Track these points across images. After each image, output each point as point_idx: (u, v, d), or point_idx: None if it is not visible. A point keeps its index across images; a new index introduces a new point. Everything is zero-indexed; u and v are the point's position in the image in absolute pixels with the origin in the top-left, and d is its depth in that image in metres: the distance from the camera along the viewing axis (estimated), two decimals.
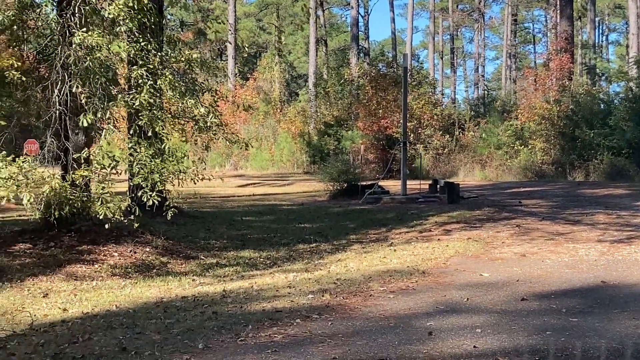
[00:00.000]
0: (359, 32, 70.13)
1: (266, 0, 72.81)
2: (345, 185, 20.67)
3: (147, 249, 10.59)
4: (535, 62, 76.04)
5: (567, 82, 32.18)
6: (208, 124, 10.31)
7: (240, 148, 11.18)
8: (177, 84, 10.49)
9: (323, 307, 6.86)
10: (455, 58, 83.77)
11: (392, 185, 23.00)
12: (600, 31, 79.15)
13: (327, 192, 20.85)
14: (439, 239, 12.01)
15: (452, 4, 69.36)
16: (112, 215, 9.11)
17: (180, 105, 10.02)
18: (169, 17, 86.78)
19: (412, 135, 32.38)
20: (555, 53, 32.48)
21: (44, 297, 8.18)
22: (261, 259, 11.05)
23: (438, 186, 20.34)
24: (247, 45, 67.01)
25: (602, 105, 30.55)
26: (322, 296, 7.36)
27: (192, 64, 10.31)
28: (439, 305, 6.95)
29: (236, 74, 62.61)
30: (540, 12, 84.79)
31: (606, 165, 27.68)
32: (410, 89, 33.39)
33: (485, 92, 56.08)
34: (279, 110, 47.75)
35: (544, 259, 9.70)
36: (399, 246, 11.46)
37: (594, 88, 32.53)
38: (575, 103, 30.99)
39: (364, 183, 20.82)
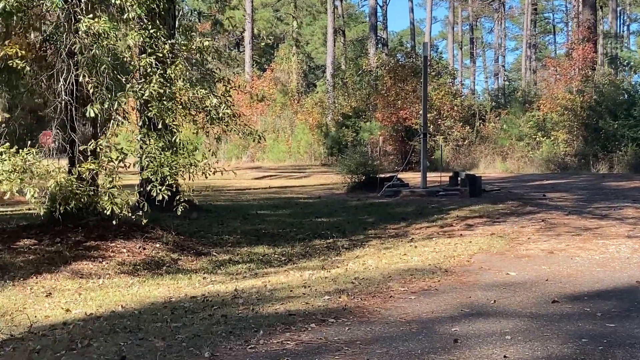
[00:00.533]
0: (377, 23, 69.54)
1: None
2: (364, 177, 20.20)
3: (157, 245, 10.21)
4: (555, 52, 75.16)
5: (590, 72, 31.48)
6: (220, 114, 9.89)
7: (254, 140, 10.73)
8: (188, 74, 10.11)
9: (340, 309, 6.41)
10: (474, 48, 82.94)
11: (412, 177, 22.56)
12: (622, 21, 77.96)
13: (344, 184, 20.39)
14: (461, 235, 11.53)
15: None
16: (119, 210, 8.73)
17: (191, 95, 9.57)
18: (186, 8, 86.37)
19: (431, 126, 31.85)
20: (578, 42, 31.75)
21: (47, 296, 7.82)
22: (276, 256, 10.64)
23: (459, 179, 19.83)
24: (265, 36, 66.58)
25: (626, 96, 29.83)
26: (339, 297, 6.91)
27: (204, 52, 9.87)
28: (464, 308, 6.49)
29: (253, 65, 62.26)
30: (560, 2, 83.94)
31: (630, 157, 27.01)
32: (430, 79, 32.87)
33: (506, 82, 55.23)
34: (296, 102, 47.30)
35: (573, 257, 9.21)
36: (420, 242, 10.99)
37: (617, 78, 31.76)
38: (598, 93, 30.31)
39: (383, 175, 20.34)
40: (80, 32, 8.67)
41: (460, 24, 76.47)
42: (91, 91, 8.73)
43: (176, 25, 11.62)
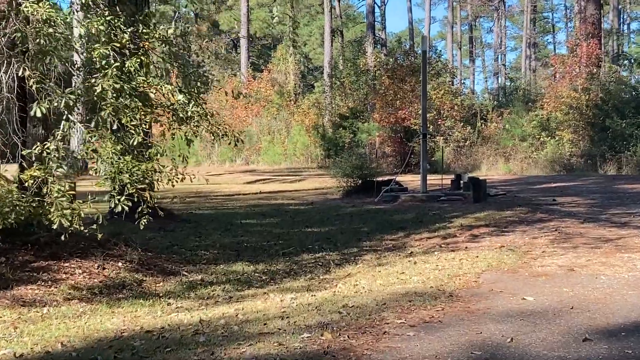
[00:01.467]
0: (375, 22, 68.22)
1: None
2: (360, 181, 18.95)
3: (120, 264, 8.91)
4: (555, 51, 74.02)
5: (595, 70, 30.22)
6: (189, 113, 8.60)
7: (229, 143, 9.45)
8: (157, 67, 8.87)
9: (320, 354, 5.14)
10: (474, 48, 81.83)
11: (411, 180, 21.30)
12: (622, 20, 76.75)
13: (339, 189, 19.14)
14: (466, 247, 10.25)
15: None
16: (69, 224, 7.46)
17: (155, 91, 8.29)
18: (183, 9, 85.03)
19: (431, 127, 30.60)
20: (583, 38, 30.48)
21: None
22: (256, 274, 9.36)
23: (461, 182, 18.58)
24: (261, 36, 64.88)
25: (634, 93, 28.57)
26: (321, 335, 5.62)
27: (169, 43, 8.59)
28: (474, 350, 5.21)
29: (249, 66, 61.01)
30: (559, 1, 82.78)
31: None
32: (429, 77, 31.62)
33: (507, 80, 53.90)
34: (293, 103, 46.03)
35: (598, 275, 7.94)
36: (420, 257, 9.72)
37: (625, 75, 30.49)
38: (605, 91, 29.06)
39: (380, 179, 19.06)
40: (20, 17, 7.41)
41: (459, 24, 75.26)
42: (34, 87, 7.45)
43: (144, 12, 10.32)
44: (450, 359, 5.04)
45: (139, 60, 8.12)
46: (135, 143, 7.78)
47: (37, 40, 7.52)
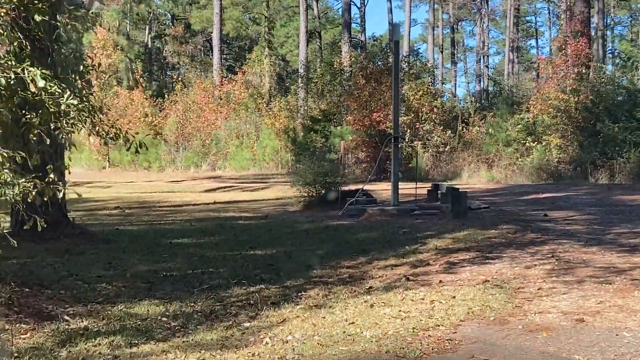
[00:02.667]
0: (354, 24, 66.20)
1: None
2: (323, 191, 16.68)
3: None
4: (538, 55, 72.18)
5: (584, 70, 28.18)
6: (62, 107, 6.25)
7: (128, 149, 7.17)
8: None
9: None
10: (456, 51, 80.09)
11: (384, 189, 19.05)
12: (606, 23, 75.07)
13: (301, 199, 16.84)
14: (440, 282, 8.00)
15: None
16: None
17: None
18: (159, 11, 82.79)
19: (408, 130, 28.43)
20: (573, 36, 28.40)
21: None
22: (164, 319, 7.03)
23: (439, 192, 16.38)
24: (234, 37, 62.21)
25: (626, 95, 26.49)
26: None
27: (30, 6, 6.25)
28: None
29: (222, 67, 58.84)
30: (543, 5, 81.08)
31: (634, 165, 23.71)
32: (406, 77, 29.48)
33: (491, 82, 51.83)
34: (265, 105, 43.79)
35: (618, 329, 5.77)
36: (380, 296, 7.46)
37: (617, 75, 28.45)
38: (595, 93, 27.00)
39: (347, 189, 16.80)
40: None
41: (441, 27, 73.39)
42: None
43: None
44: None
45: None
46: None
47: None
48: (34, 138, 6.29)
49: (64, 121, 6.30)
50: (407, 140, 28.63)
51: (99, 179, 32.50)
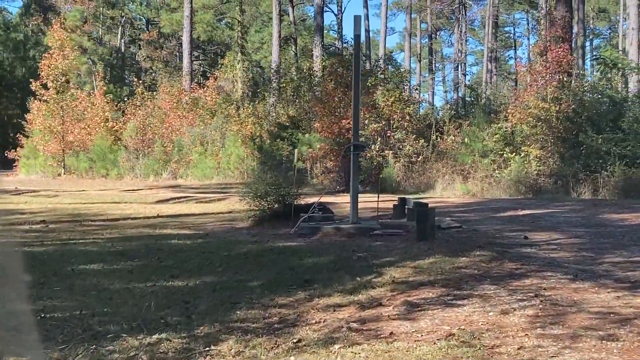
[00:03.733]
0: (330, 30, 64.45)
1: None
2: (276, 205, 14.76)
3: None
4: (516, 67, 70.84)
5: (566, 77, 26.53)
6: None
7: None
8: None
9: None
10: (434, 61, 78.78)
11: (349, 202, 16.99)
12: (585, 34, 73.93)
13: (252, 214, 14.90)
14: (391, 334, 6.10)
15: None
16: None
17: None
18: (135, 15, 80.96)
19: (379, 138, 26.62)
20: (554, 41, 26.74)
21: None
22: None
23: (406, 207, 14.56)
24: (205, 40, 60.03)
25: (610, 104, 24.81)
26: None
27: None
28: None
29: (193, 72, 56.94)
30: (521, 15, 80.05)
31: (619, 179, 21.99)
32: (378, 82, 27.71)
33: (468, 90, 50.22)
34: (235, 111, 41.84)
35: None
36: (308, 355, 5.57)
37: (601, 83, 26.80)
38: (577, 102, 25.35)
39: (303, 203, 14.87)
40: None
41: (419, 36, 71.87)
42: None
43: None
44: None
45: None
46: None
47: None
48: None
49: None
50: (377, 148, 26.82)
51: (50, 186, 30.35)
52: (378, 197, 13.85)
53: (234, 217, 15.89)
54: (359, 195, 14.13)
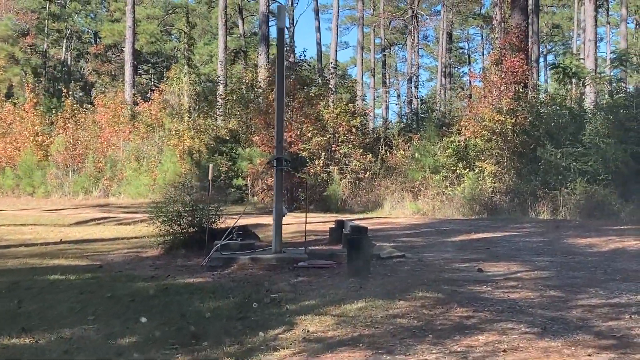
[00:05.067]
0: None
1: (173, 2, 64.33)
2: (193, 230, 12.63)
3: None
4: (470, 82, 69.83)
5: (522, 89, 24.88)
6: None
7: None
8: None
9: None
10: (387, 76, 77.43)
11: (286, 224, 14.77)
12: (540, 51, 73.33)
13: (163, 240, 12.73)
14: None
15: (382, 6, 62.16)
16: None
17: None
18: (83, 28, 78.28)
19: (323, 153, 24.67)
20: (510, 50, 25.09)
21: None
22: None
23: (344, 231, 12.57)
24: (150, 52, 56.76)
25: (570, 117, 23.15)
26: None
27: None
28: None
29: (135, 85, 54.48)
30: (475, 31, 79.24)
31: (580, 197, 20.29)
32: (320, 90, 25.84)
33: (421, 103, 48.60)
34: (174, 125, 39.46)
35: None
36: None
37: (560, 94, 25.19)
38: (534, 114, 23.71)
39: (224, 226, 12.72)
40: None
41: (373, 50, 70.29)
42: None
43: None
44: None
45: None
46: None
47: None
48: None
49: None
50: (321, 164, 24.87)
51: None
52: (306, 218, 11.73)
53: (145, 244, 13.67)
54: (299, 215, 12.15)
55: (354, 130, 25.70)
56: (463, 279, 8.91)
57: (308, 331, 6.49)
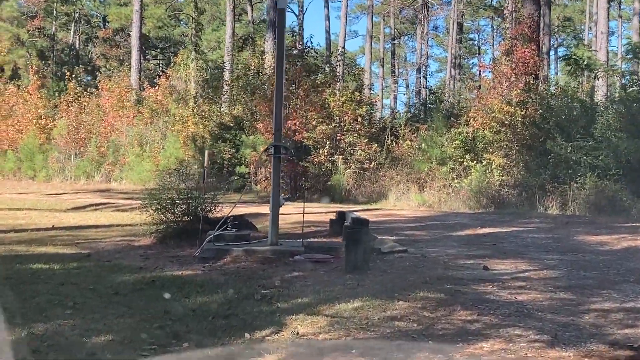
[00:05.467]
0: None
1: None
2: (188, 219, 12.16)
3: None
4: (480, 73, 69.14)
5: (533, 80, 24.27)
6: None
7: None
8: None
9: None
10: (397, 66, 76.68)
11: (286, 214, 14.19)
12: (550, 44, 72.47)
13: (156, 229, 12.26)
14: None
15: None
16: None
17: None
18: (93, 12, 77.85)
19: (328, 142, 24.15)
20: (521, 40, 24.46)
21: None
22: None
23: (345, 223, 12.04)
24: (155, 37, 56.06)
25: (581, 110, 22.55)
26: None
27: None
28: None
29: (142, 70, 54.06)
30: (486, 22, 78.36)
31: (590, 192, 19.70)
32: (326, 78, 25.29)
33: (428, 92, 47.98)
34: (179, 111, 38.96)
35: None
36: None
37: (571, 86, 24.56)
38: (544, 106, 23.10)
39: (219, 215, 12.24)
40: None
41: (382, 39, 69.62)
42: None
43: None
44: None
45: None
46: None
47: None
48: None
49: None
50: (326, 153, 24.38)
51: None
52: (304, 208, 11.21)
53: (139, 232, 13.20)
54: (301, 205, 11.68)
55: (359, 119, 25.17)
56: (467, 277, 8.40)
57: (297, 333, 6.01)
